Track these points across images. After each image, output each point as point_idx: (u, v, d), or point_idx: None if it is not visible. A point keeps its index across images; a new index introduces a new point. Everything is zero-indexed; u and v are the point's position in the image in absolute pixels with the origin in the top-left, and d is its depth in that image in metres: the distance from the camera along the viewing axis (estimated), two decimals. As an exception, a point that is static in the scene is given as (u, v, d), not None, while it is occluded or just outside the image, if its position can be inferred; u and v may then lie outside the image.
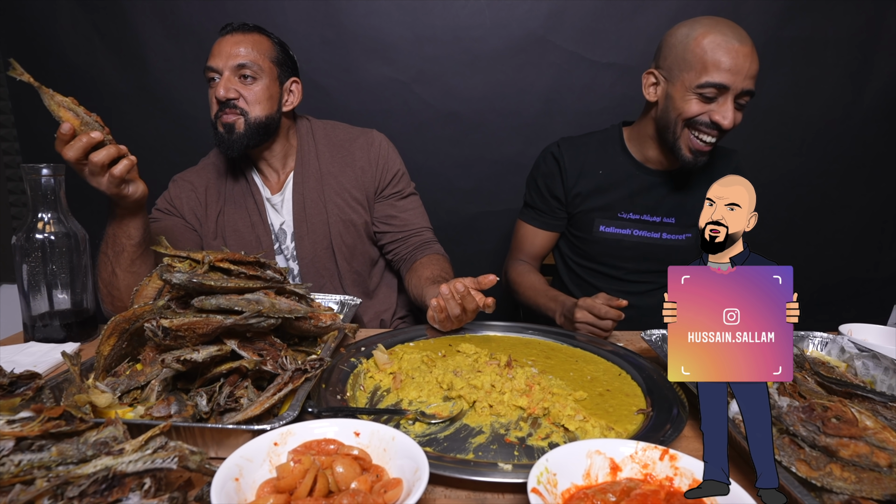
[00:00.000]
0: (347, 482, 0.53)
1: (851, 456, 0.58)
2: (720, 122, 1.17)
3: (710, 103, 1.18)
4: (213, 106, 1.29)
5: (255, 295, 0.79)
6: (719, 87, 1.15)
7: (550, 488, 0.53)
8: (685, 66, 1.18)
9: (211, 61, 1.26)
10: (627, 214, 1.40)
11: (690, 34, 1.18)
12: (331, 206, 1.37)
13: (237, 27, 1.29)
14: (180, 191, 1.38)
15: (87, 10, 1.85)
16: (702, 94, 1.17)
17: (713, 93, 1.16)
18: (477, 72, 1.91)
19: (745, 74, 1.14)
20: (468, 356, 0.95)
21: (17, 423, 0.53)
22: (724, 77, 1.14)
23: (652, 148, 1.36)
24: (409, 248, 1.43)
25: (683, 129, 1.23)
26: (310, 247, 1.38)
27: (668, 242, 1.41)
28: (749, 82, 1.16)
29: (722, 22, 1.18)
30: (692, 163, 1.26)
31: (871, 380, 0.85)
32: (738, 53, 1.13)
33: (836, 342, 0.97)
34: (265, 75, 1.28)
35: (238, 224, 1.37)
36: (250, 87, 1.26)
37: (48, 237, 1.01)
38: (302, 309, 0.83)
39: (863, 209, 2.01)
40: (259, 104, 1.27)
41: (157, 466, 0.49)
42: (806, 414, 0.64)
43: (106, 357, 0.80)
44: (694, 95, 1.19)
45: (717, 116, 1.17)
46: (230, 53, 1.25)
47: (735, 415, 0.69)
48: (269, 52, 1.29)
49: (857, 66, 1.87)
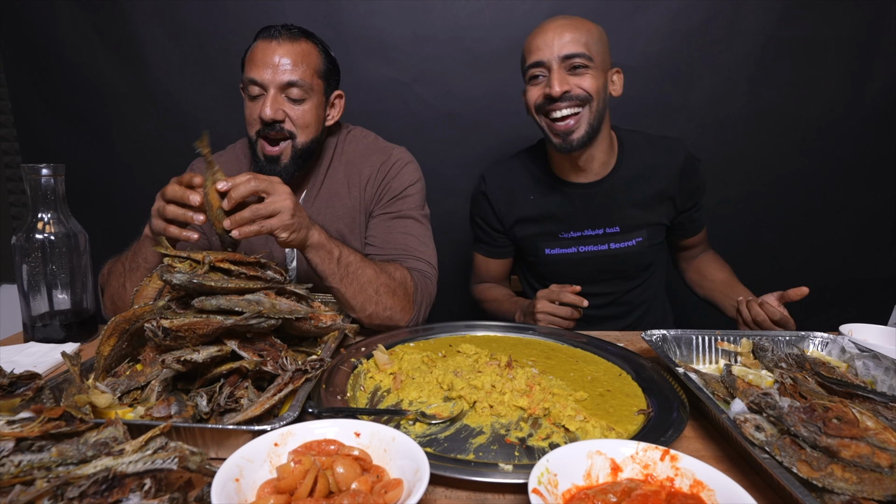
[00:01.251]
0: (348, 483, 0.53)
1: (853, 456, 0.57)
2: (550, 93, 1.22)
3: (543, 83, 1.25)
4: (253, 123, 1.17)
5: (256, 296, 0.79)
6: (537, 65, 1.24)
7: (551, 489, 0.53)
8: (525, 67, 1.28)
9: (255, 73, 1.13)
10: (568, 234, 1.40)
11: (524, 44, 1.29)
12: (333, 231, 1.26)
13: (283, 32, 1.15)
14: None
15: (87, 10, 1.85)
16: (533, 80, 1.26)
17: (539, 71, 1.25)
18: (477, 72, 1.91)
19: (555, 45, 1.21)
20: (468, 356, 0.95)
21: (17, 424, 0.53)
22: (536, 55, 1.23)
23: (564, 161, 1.36)
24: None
25: (541, 119, 1.29)
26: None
27: (618, 251, 1.39)
28: (566, 48, 1.21)
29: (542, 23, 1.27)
30: (565, 147, 1.27)
31: (871, 380, 0.85)
32: (544, 34, 1.23)
33: (836, 342, 0.96)
34: (314, 94, 1.18)
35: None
36: (299, 107, 1.16)
37: (48, 237, 1.01)
38: (302, 310, 0.82)
39: (863, 209, 2.00)
40: (307, 128, 1.18)
41: (158, 467, 0.49)
42: (807, 414, 0.64)
43: (106, 357, 0.80)
44: (530, 85, 1.28)
45: (546, 89, 1.23)
46: (278, 67, 1.12)
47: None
48: (317, 66, 1.19)
49: (858, 67, 1.87)
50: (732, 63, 1.87)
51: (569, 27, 1.22)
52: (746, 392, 0.75)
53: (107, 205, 2.03)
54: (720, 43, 1.84)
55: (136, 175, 2.00)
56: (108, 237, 2.04)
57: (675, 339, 0.97)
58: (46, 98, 1.94)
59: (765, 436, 0.63)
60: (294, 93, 1.15)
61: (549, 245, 1.42)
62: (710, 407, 0.71)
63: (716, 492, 0.52)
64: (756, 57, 1.87)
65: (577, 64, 1.22)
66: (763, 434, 0.64)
